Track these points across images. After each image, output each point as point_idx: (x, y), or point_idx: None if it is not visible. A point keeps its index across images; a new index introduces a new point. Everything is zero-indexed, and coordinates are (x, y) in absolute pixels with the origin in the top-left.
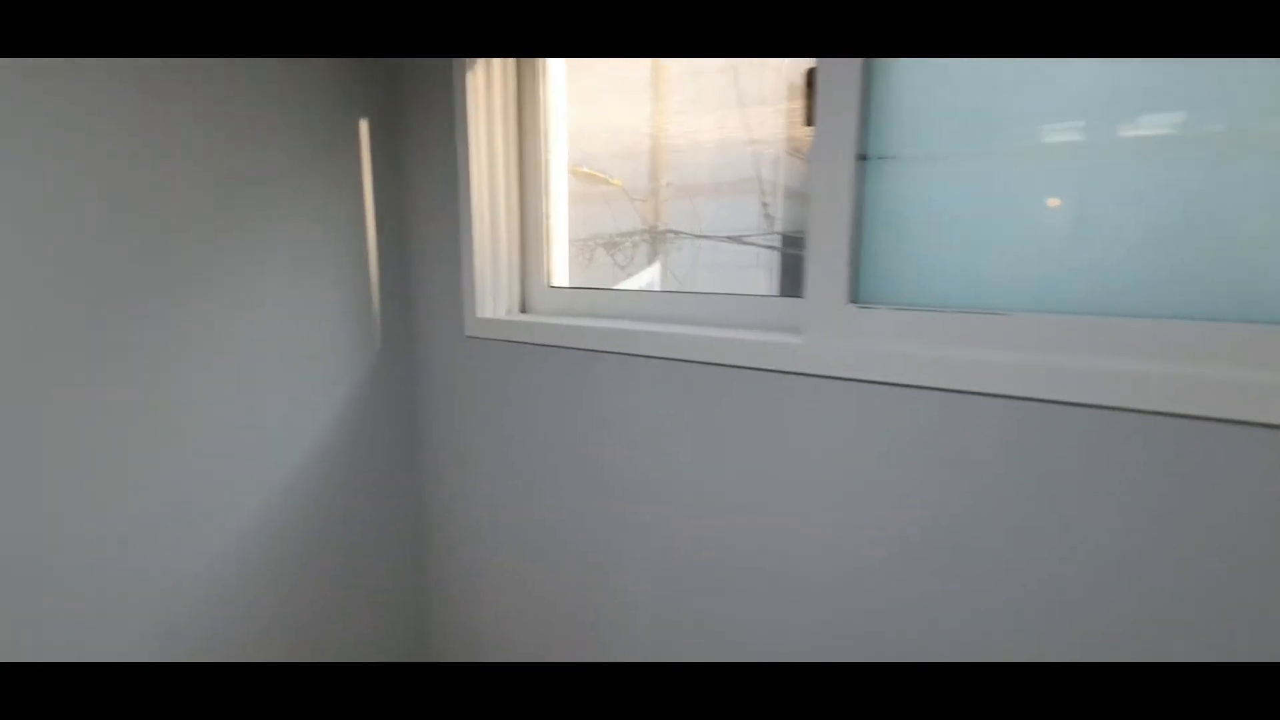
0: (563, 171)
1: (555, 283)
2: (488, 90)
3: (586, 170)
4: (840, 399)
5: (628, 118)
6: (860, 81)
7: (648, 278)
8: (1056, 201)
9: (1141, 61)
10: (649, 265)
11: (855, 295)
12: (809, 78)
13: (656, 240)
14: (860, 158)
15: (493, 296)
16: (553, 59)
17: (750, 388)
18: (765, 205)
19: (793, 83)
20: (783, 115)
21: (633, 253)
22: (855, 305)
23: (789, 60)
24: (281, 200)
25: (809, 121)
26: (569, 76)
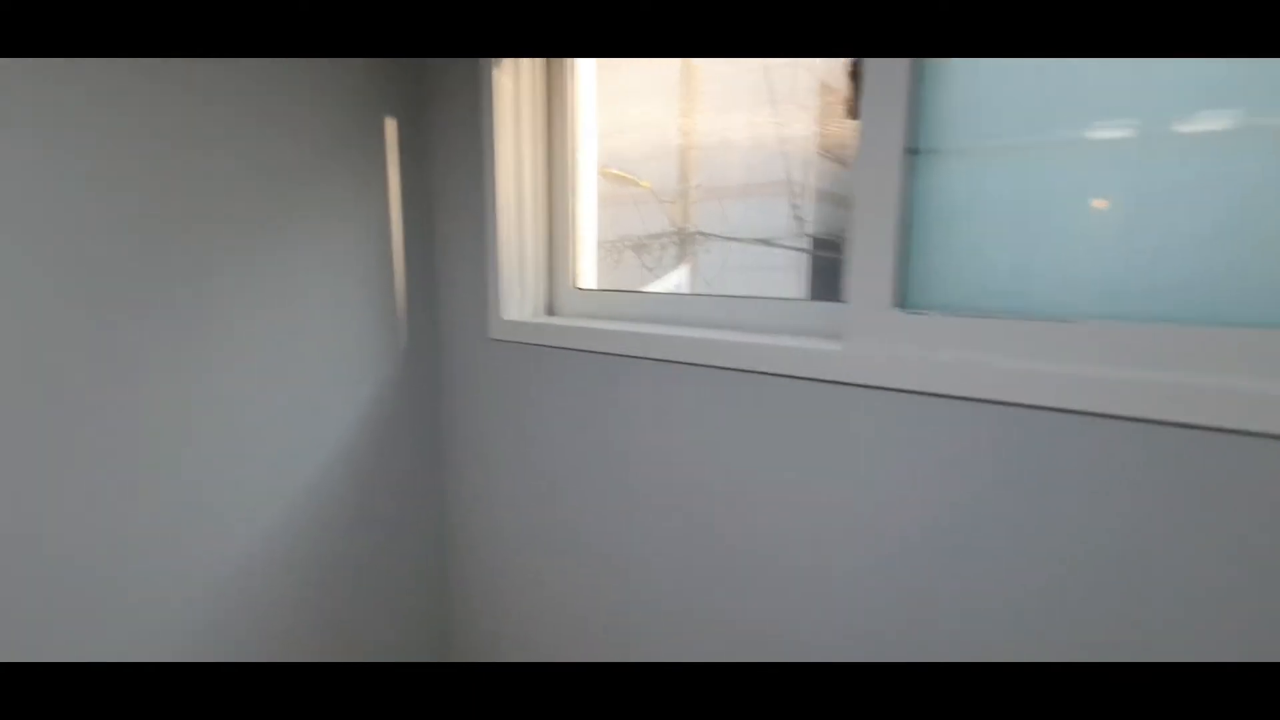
0: (591, 172)
1: (582, 285)
2: (516, 89)
3: (615, 171)
4: (884, 410)
5: (657, 117)
6: (909, 70)
7: (676, 280)
8: (1104, 203)
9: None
10: (677, 267)
11: (902, 300)
12: (853, 67)
13: (685, 242)
14: (909, 151)
15: (519, 298)
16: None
17: (784, 396)
18: (795, 207)
19: (825, 81)
20: (814, 113)
21: (661, 255)
22: (902, 310)
23: (823, 59)
24: (308, 199)
25: (853, 114)
26: (598, 76)
